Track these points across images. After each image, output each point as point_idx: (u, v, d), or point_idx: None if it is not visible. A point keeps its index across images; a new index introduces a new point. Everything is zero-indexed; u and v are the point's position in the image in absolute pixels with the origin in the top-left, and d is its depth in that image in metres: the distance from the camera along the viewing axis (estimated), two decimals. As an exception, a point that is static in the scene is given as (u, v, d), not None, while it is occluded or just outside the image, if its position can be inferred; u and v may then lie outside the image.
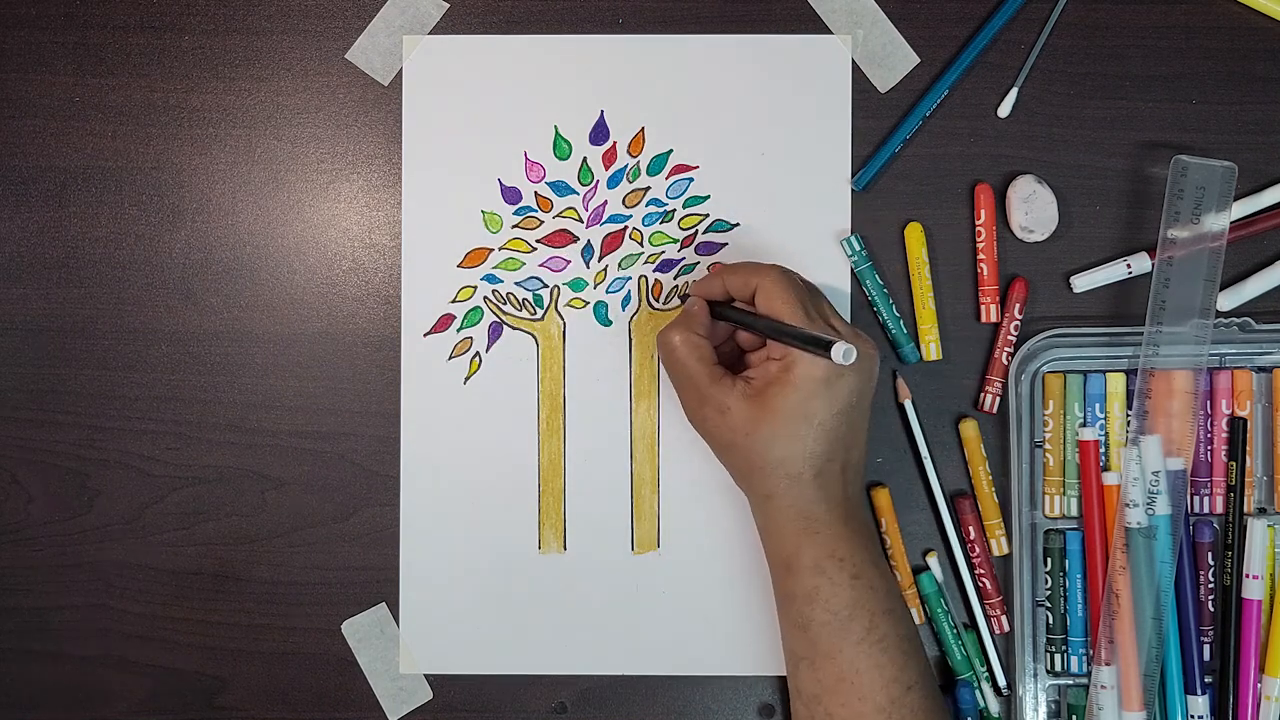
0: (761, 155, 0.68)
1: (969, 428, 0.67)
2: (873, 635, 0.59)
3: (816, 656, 0.60)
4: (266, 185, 0.69)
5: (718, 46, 0.68)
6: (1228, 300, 0.66)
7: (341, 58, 0.69)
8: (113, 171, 0.69)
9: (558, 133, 0.69)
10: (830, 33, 0.68)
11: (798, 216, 0.68)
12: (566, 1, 0.69)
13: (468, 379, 0.69)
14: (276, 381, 0.69)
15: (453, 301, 0.69)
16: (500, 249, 0.69)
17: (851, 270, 0.67)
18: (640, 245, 0.69)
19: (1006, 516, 0.67)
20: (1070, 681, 0.66)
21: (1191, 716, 0.64)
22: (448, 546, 0.68)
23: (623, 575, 0.68)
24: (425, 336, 0.69)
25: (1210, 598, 0.65)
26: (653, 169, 0.68)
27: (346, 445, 0.69)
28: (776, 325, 0.60)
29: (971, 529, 0.67)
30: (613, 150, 0.68)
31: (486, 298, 0.69)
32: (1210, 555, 0.66)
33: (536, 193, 0.69)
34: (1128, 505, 0.64)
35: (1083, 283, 0.67)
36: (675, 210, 0.68)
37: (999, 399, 0.67)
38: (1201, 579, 0.65)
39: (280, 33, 0.69)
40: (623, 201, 0.69)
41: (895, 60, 0.68)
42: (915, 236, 0.67)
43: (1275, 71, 0.68)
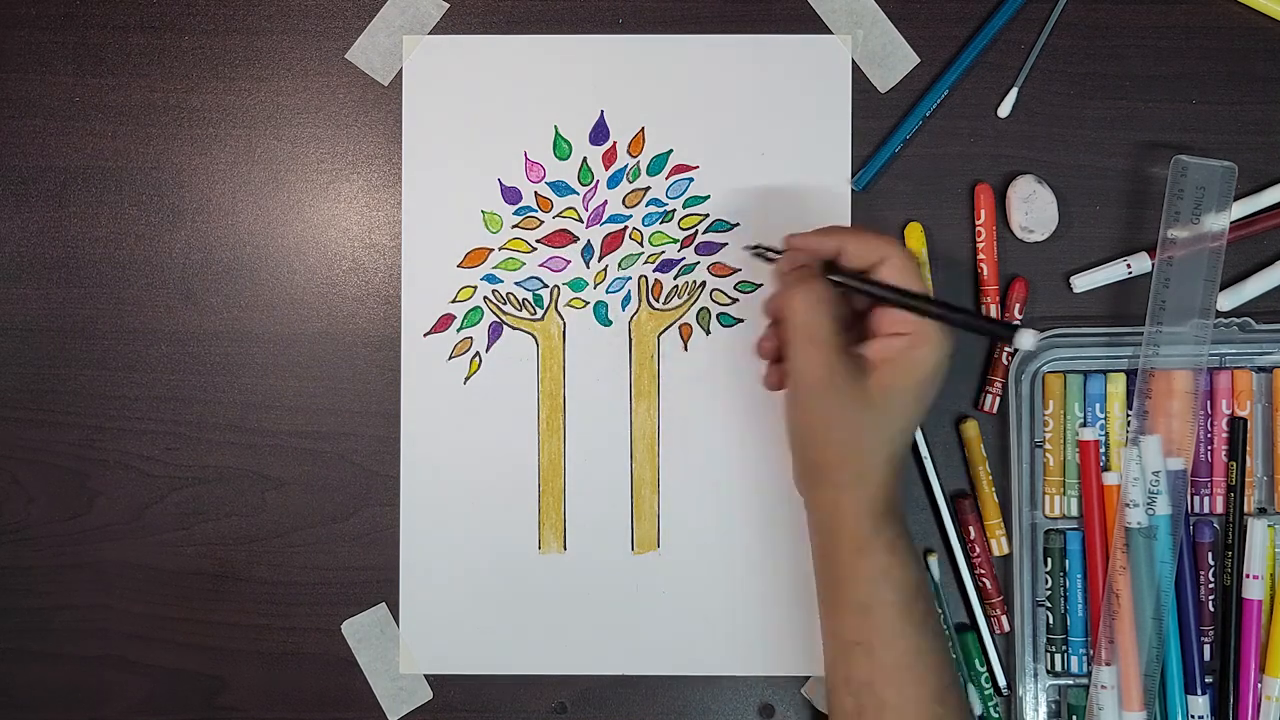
0: (761, 155, 0.68)
1: (970, 428, 0.67)
2: (930, 619, 0.58)
3: (877, 640, 0.57)
4: (266, 185, 0.69)
5: (718, 46, 0.68)
6: (1228, 300, 0.66)
7: (341, 58, 0.69)
8: (113, 171, 0.69)
9: (558, 133, 0.69)
10: (830, 33, 0.68)
11: (798, 216, 0.68)
12: (566, 1, 0.69)
13: (468, 379, 0.68)
14: (276, 381, 0.69)
15: (453, 301, 0.69)
16: (500, 249, 0.69)
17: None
18: (640, 245, 0.69)
19: (1007, 516, 0.67)
20: (1070, 681, 0.66)
21: (1192, 716, 0.64)
22: (448, 546, 0.68)
23: (623, 575, 0.68)
24: (425, 336, 0.69)
25: (1210, 598, 0.65)
26: (653, 169, 0.68)
27: (346, 445, 0.69)
28: (944, 304, 0.57)
29: (972, 529, 0.67)
30: (613, 150, 0.68)
31: (486, 298, 0.69)
32: (1210, 555, 0.66)
33: (536, 193, 0.69)
34: (1128, 505, 0.64)
35: (1083, 283, 0.67)
36: (675, 210, 0.68)
37: (999, 399, 0.67)
38: (1202, 579, 0.65)
39: (280, 33, 0.69)
40: (623, 201, 0.69)
41: (895, 60, 0.68)
42: (915, 236, 0.67)
43: (1275, 71, 0.68)
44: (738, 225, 0.68)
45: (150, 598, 0.69)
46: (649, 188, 0.68)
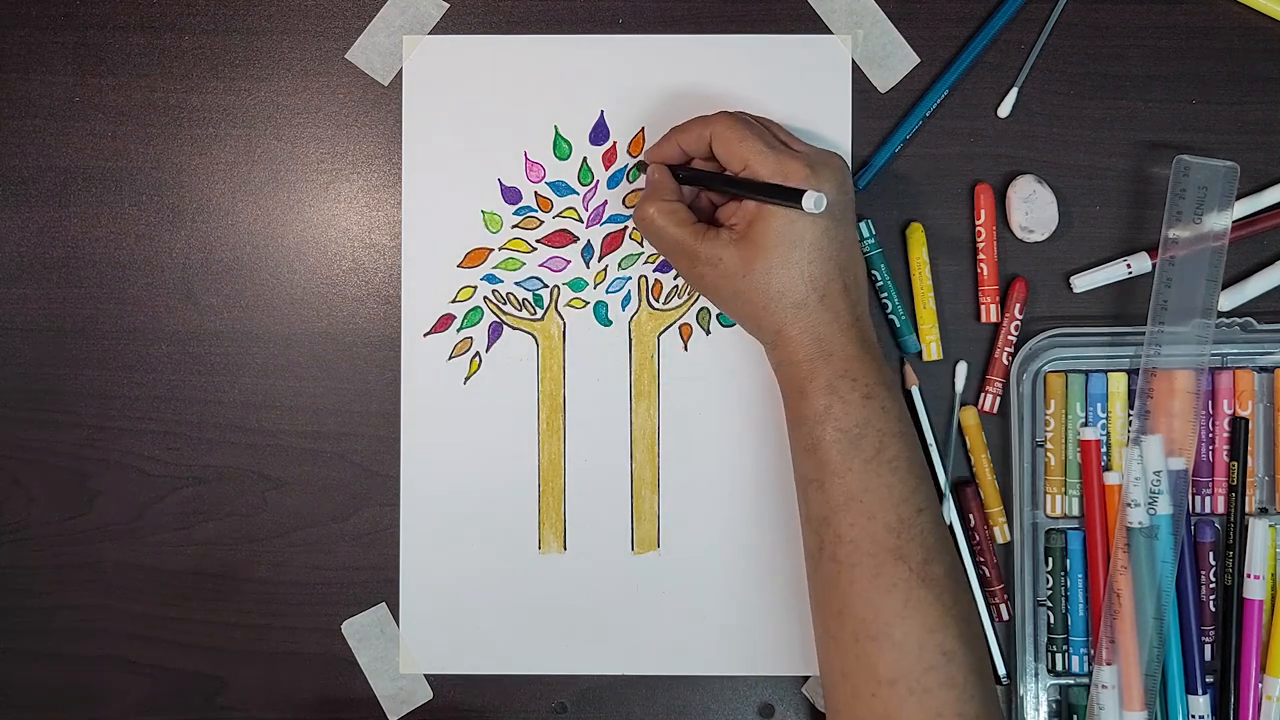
0: (762, 155, 0.68)
1: (969, 414, 0.67)
2: (883, 455, 0.58)
3: (826, 477, 0.59)
4: (266, 185, 0.69)
5: (718, 46, 0.68)
6: (1229, 300, 0.66)
7: (341, 58, 0.69)
8: (113, 171, 0.69)
9: (558, 133, 0.69)
10: (830, 33, 0.68)
11: (798, 216, 0.68)
12: (566, 1, 0.69)
13: (468, 379, 0.68)
14: (276, 381, 0.69)
15: (453, 301, 0.69)
16: (500, 249, 0.69)
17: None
18: (640, 245, 0.69)
19: (1007, 509, 0.67)
20: (1071, 681, 0.66)
21: (1192, 716, 0.64)
22: (448, 546, 0.68)
23: (623, 575, 0.68)
24: (425, 336, 0.69)
25: (1211, 597, 0.65)
26: (653, 169, 0.68)
27: (346, 445, 0.69)
28: (738, 182, 0.61)
29: (973, 516, 0.67)
30: (613, 150, 0.68)
31: (486, 298, 0.69)
32: (1211, 555, 0.65)
33: (536, 193, 0.69)
34: (1129, 505, 0.64)
35: (1083, 283, 0.67)
36: (675, 210, 0.68)
37: (999, 399, 0.67)
38: (1203, 579, 0.65)
39: (280, 33, 0.69)
40: (623, 201, 0.68)
41: (895, 60, 0.68)
42: (915, 236, 0.67)
43: (1276, 71, 0.68)
44: (738, 225, 0.68)
45: (150, 598, 0.69)
46: (649, 187, 0.68)
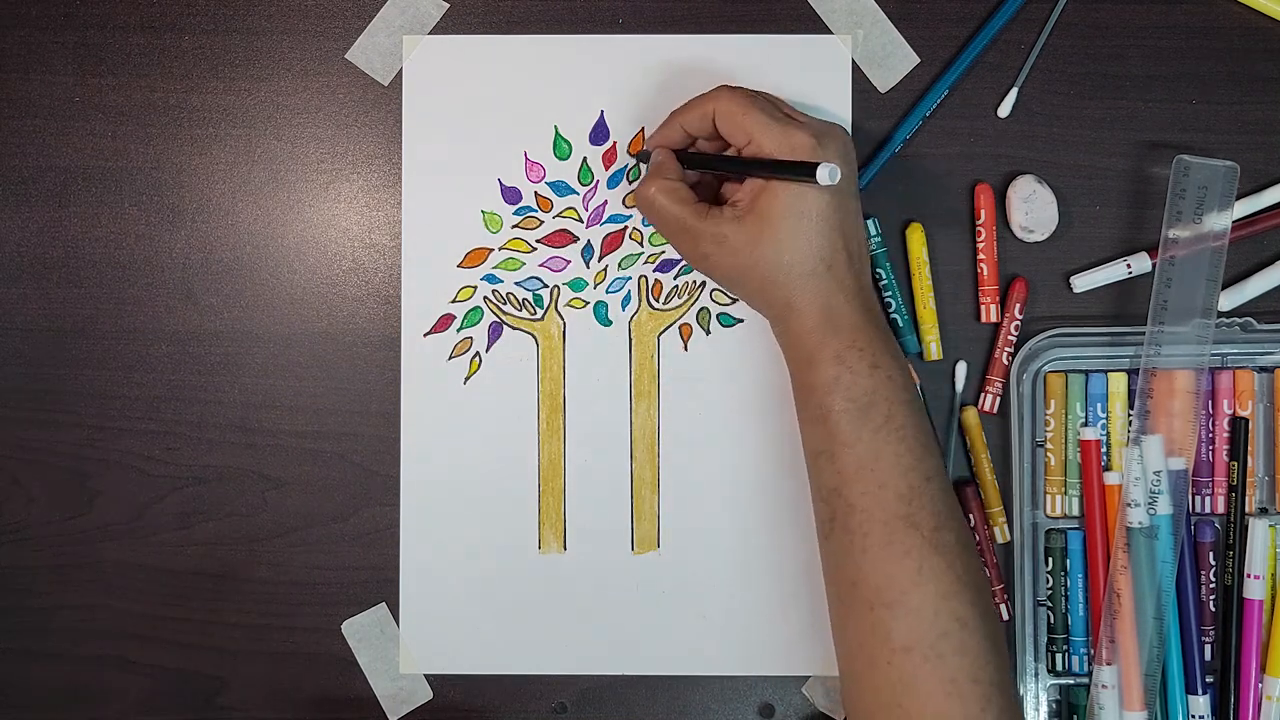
0: (762, 155, 0.68)
1: (969, 414, 0.67)
2: (891, 424, 0.59)
3: (835, 447, 0.59)
4: (266, 185, 0.69)
5: (718, 46, 0.68)
6: (1229, 300, 0.66)
7: (341, 58, 0.69)
8: (113, 171, 0.69)
9: (558, 133, 0.69)
10: (830, 33, 0.68)
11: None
12: (566, 1, 0.69)
13: (468, 379, 0.68)
14: (276, 381, 0.69)
15: (453, 301, 0.69)
16: (500, 249, 0.69)
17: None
18: (640, 245, 0.69)
19: (1008, 509, 0.67)
20: (1071, 681, 0.66)
21: (1193, 716, 0.64)
22: (448, 546, 0.68)
23: (623, 575, 0.68)
24: (425, 336, 0.69)
25: (1211, 597, 0.65)
26: (653, 169, 0.68)
27: (346, 445, 0.69)
28: (746, 161, 0.61)
29: (973, 516, 0.67)
30: (613, 150, 0.68)
31: (486, 298, 0.69)
32: (1211, 555, 0.65)
33: (536, 193, 0.69)
34: (1129, 505, 0.64)
35: (1083, 283, 0.67)
36: (675, 210, 0.68)
37: (999, 399, 0.67)
38: (1203, 579, 0.65)
39: (280, 33, 0.69)
40: (623, 201, 0.68)
41: (895, 60, 0.68)
42: (915, 236, 0.67)
43: (1276, 71, 0.68)
44: (738, 225, 0.68)
45: (150, 598, 0.69)
46: (649, 187, 0.68)
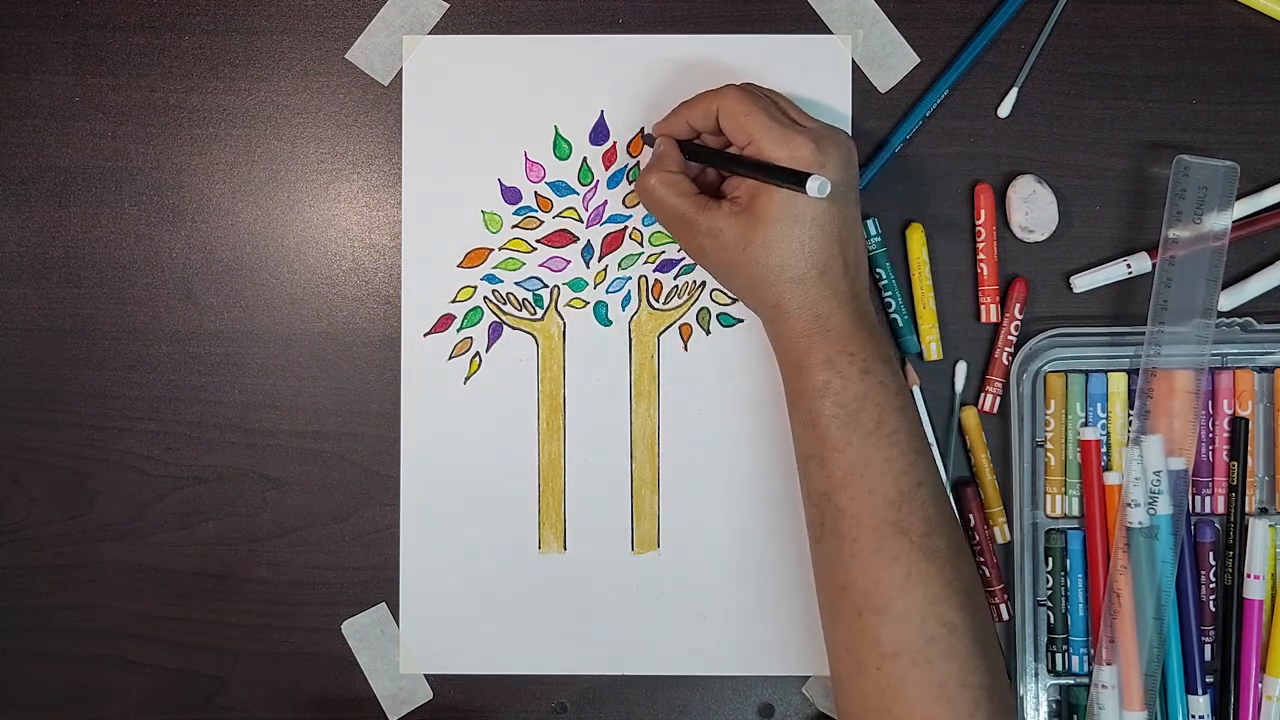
0: (762, 155, 0.68)
1: (969, 414, 0.67)
2: (882, 429, 0.58)
3: (825, 452, 0.59)
4: (266, 185, 0.69)
5: (718, 46, 0.68)
6: (1229, 300, 0.66)
7: (341, 58, 0.69)
8: (113, 171, 0.69)
9: (558, 133, 0.69)
10: (830, 33, 0.68)
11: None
12: (566, 1, 0.69)
13: (468, 379, 0.68)
14: (276, 381, 0.69)
15: (453, 301, 0.69)
16: (500, 249, 0.69)
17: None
18: (640, 245, 0.69)
19: (1007, 509, 0.67)
20: (1071, 681, 0.66)
21: (1192, 716, 0.64)
22: (448, 546, 0.68)
23: (623, 575, 0.68)
24: (425, 336, 0.69)
25: (1211, 597, 0.65)
26: (653, 169, 0.68)
27: (346, 445, 0.69)
28: (743, 161, 0.61)
29: (973, 516, 0.67)
30: (613, 150, 0.68)
31: (486, 298, 0.69)
32: (1211, 555, 0.65)
33: (536, 193, 0.69)
34: (1129, 505, 0.64)
35: (1083, 283, 0.67)
36: (675, 210, 0.68)
37: (999, 399, 0.67)
38: (1203, 579, 0.65)
39: (280, 33, 0.69)
40: (623, 201, 0.68)
41: (895, 60, 0.68)
42: (915, 236, 0.67)
43: (1276, 71, 0.68)
44: (738, 225, 0.68)
45: (150, 598, 0.69)
46: (649, 187, 0.68)
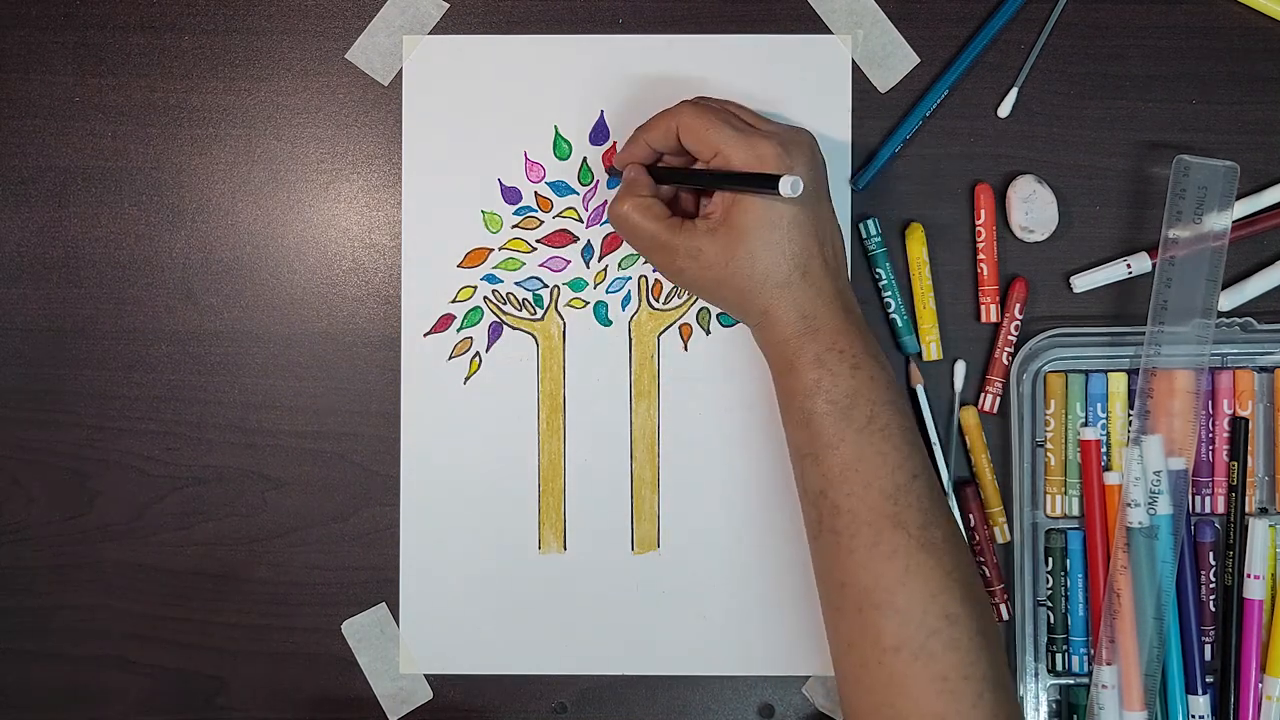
0: (762, 155, 0.68)
1: (969, 414, 0.67)
2: (875, 424, 0.59)
3: (820, 449, 0.59)
4: (266, 185, 0.69)
5: (718, 46, 0.68)
6: (1229, 300, 0.66)
7: (341, 58, 0.69)
8: (113, 171, 0.69)
9: (558, 133, 0.69)
10: (830, 33, 0.68)
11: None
12: (566, 1, 0.69)
13: (468, 379, 0.68)
14: (276, 381, 0.69)
15: (453, 301, 0.69)
16: (500, 249, 0.69)
17: (864, 256, 0.68)
18: (640, 245, 0.69)
19: (1007, 509, 0.67)
20: (1071, 681, 0.66)
21: (1193, 716, 0.64)
22: (448, 546, 0.68)
23: (623, 575, 0.68)
24: (425, 336, 0.69)
25: (1211, 597, 0.65)
26: (653, 169, 0.68)
27: (346, 445, 0.69)
28: (712, 174, 0.61)
29: (973, 516, 0.67)
30: (613, 150, 0.68)
31: (486, 298, 0.69)
32: (1211, 555, 0.65)
33: (536, 193, 0.69)
34: (1129, 505, 0.64)
35: (1083, 283, 0.67)
36: (675, 210, 0.68)
37: (999, 399, 0.67)
38: (1203, 579, 0.65)
39: (280, 33, 0.69)
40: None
41: (895, 60, 0.68)
42: (915, 236, 0.67)
43: (1276, 71, 0.68)
44: (738, 225, 0.68)
45: (150, 598, 0.69)
46: (649, 187, 0.68)
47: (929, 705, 0.56)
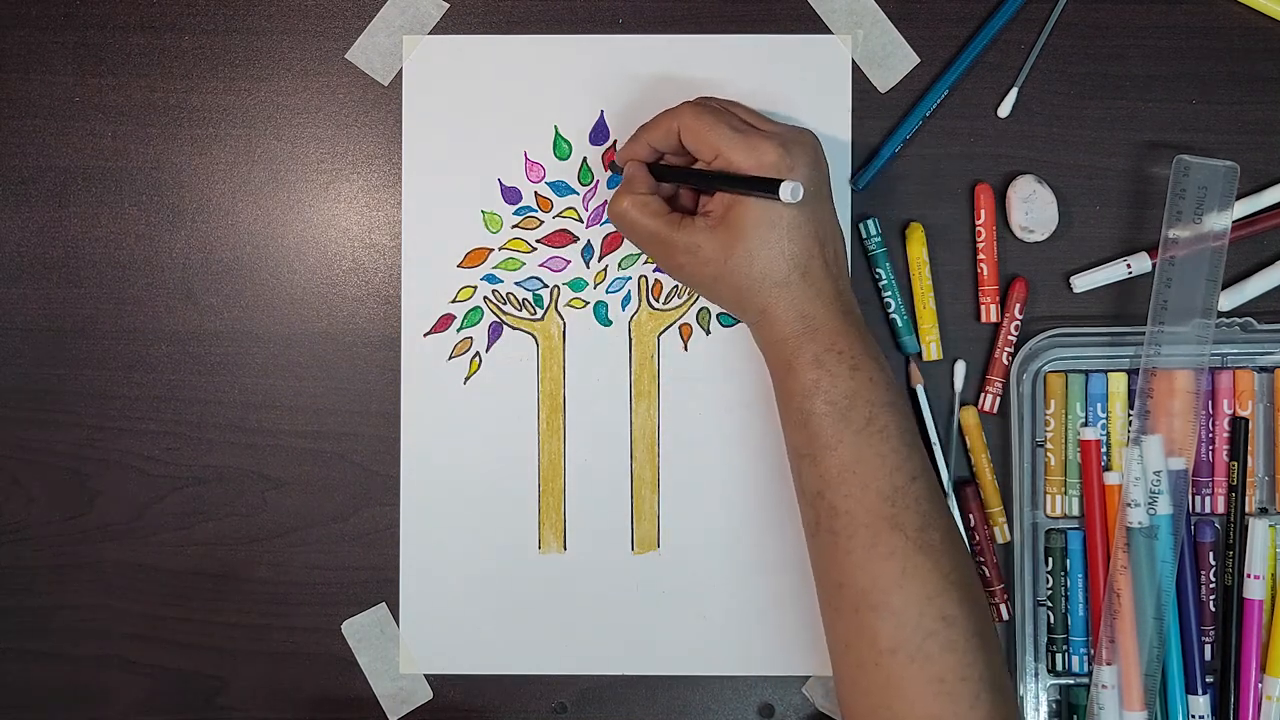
0: (762, 155, 0.68)
1: (969, 414, 0.67)
2: (873, 425, 0.59)
3: (818, 450, 0.59)
4: (266, 185, 0.69)
5: (718, 46, 0.68)
6: (1229, 300, 0.66)
7: (341, 58, 0.69)
8: (113, 171, 0.69)
9: (558, 133, 0.69)
10: (830, 33, 0.68)
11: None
12: (566, 1, 0.69)
13: (468, 379, 0.68)
14: (276, 381, 0.69)
15: (453, 301, 0.69)
16: (500, 249, 0.69)
17: (864, 256, 0.68)
18: (640, 245, 0.69)
19: (1008, 509, 0.67)
20: (1071, 681, 0.66)
21: (1192, 716, 0.64)
22: (448, 546, 0.68)
23: (623, 575, 0.68)
24: (425, 336, 0.69)
25: (1211, 597, 0.65)
26: (653, 169, 0.68)
27: (346, 445, 0.69)
28: (712, 175, 0.61)
29: (973, 516, 0.67)
30: (612, 150, 0.68)
31: (486, 298, 0.69)
32: (1211, 555, 0.65)
33: (536, 193, 0.69)
34: (1129, 505, 0.64)
35: (1083, 283, 0.67)
36: (675, 210, 0.68)
37: (999, 399, 0.67)
38: (1203, 579, 0.65)
39: (280, 33, 0.69)
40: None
41: (895, 60, 0.68)
42: (915, 236, 0.67)
43: (1276, 71, 0.68)
44: (738, 225, 0.68)
45: (150, 598, 0.69)
46: (649, 187, 0.68)
47: (926, 707, 0.56)
